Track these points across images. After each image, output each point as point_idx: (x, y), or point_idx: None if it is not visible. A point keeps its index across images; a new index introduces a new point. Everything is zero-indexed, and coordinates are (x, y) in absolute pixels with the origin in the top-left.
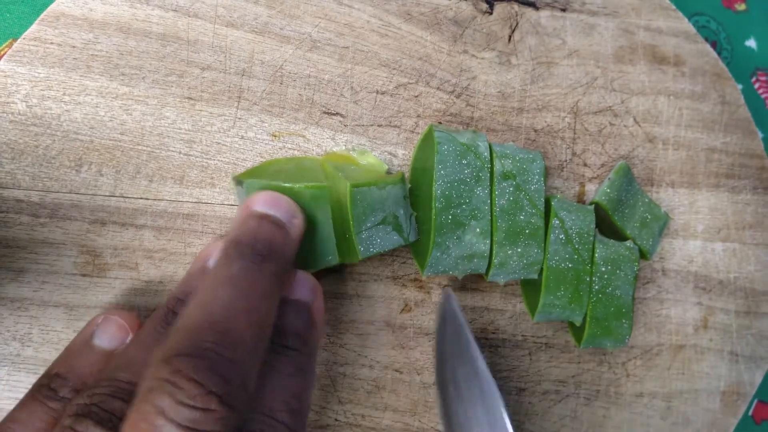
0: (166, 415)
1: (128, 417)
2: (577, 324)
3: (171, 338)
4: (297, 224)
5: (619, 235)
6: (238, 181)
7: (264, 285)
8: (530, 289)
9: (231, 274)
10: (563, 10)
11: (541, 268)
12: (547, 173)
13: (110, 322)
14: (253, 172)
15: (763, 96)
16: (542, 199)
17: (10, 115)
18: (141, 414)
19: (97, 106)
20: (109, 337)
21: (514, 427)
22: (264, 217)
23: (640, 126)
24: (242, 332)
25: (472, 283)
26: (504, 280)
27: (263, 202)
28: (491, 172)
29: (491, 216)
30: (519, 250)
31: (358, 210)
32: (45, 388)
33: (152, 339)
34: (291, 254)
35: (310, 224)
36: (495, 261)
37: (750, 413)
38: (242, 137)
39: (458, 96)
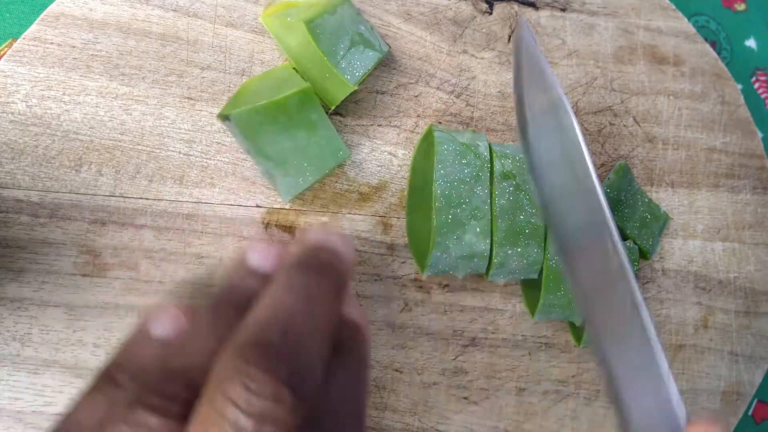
0: (238, 405)
1: (198, 407)
2: (577, 324)
3: (239, 333)
4: (350, 252)
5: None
6: (224, 117)
7: (323, 294)
8: (530, 288)
9: (291, 285)
10: (563, 10)
11: (541, 268)
12: None
13: (165, 311)
14: (235, 103)
15: (763, 96)
16: None
17: (10, 115)
18: (212, 404)
19: (97, 106)
20: (165, 326)
21: (514, 428)
22: (319, 247)
23: (639, 126)
24: (306, 332)
25: (472, 283)
26: (504, 279)
27: (316, 234)
28: (491, 172)
29: (491, 216)
30: (519, 250)
31: (325, 44)
32: (105, 377)
33: (203, 329)
34: (346, 275)
35: (312, 129)
36: (495, 261)
37: (750, 413)
38: None
39: (458, 96)
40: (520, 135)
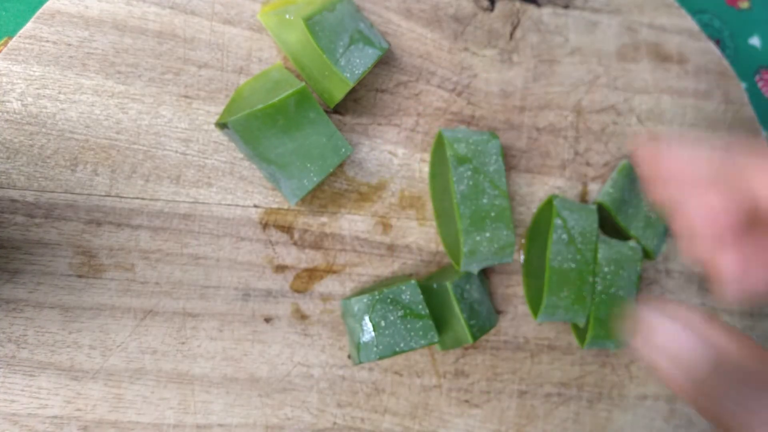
0: None
1: None
2: (580, 325)
3: None
4: None
5: (622, 235)
6: (222, 125)
7: None
8: (533, 289)
9: None
10: (565, 7)
11: (523, 257)
12: (504, 152)
13: None
14: (230, 110)
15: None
16: (503, 179)
17: (5, 114)
18: None
19: (92, 105)
20: None
21: (515, 431)
22: None
23: (643, 125)
24: None
25: None
26: (477, 268)
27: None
28: (446, 159)
29: (452, 204)
30: (488, 234)
31: (324, 41)
32: None
33: None
34: None
35: (311, 128)
36: (464, 250)
37: None
38: None
39: (459, 94)
40: None
